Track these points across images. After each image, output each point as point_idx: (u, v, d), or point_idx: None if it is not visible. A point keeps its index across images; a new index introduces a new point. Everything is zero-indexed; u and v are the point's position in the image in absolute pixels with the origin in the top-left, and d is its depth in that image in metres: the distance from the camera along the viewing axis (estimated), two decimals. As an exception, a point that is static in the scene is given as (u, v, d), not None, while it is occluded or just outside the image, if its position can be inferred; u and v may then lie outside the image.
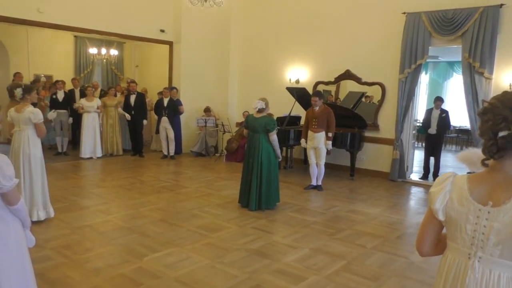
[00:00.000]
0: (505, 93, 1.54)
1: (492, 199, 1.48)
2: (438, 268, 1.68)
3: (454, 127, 12.17)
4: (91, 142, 9.22)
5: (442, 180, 1.62)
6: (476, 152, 1.97)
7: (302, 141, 7.14)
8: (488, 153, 1.49)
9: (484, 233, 1.49)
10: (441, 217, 1.59)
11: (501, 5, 6.73)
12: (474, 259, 1.52)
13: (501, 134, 1.45)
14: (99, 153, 9.31)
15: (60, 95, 9.44)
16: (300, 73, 9.37)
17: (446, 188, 1.59)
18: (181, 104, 9.91)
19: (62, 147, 9.63)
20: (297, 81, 9.34)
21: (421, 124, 8.89)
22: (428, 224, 1.67)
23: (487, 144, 1.49)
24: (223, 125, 9.73)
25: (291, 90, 8.21)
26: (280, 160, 6.06)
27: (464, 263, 1.55)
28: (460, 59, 7.29)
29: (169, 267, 3.87)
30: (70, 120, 9.70)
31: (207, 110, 10.17)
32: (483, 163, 1.52)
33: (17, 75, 8.88)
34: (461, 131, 12.38)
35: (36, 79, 10.53)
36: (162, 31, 10.11)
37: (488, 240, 1.48)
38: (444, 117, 8.11)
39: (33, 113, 4.70)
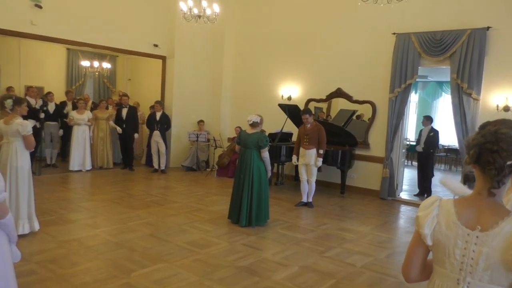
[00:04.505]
0: (509, 121, 1.51)
1: (480, 224, 1.46)
2: None
3: (442, 146, 12.29)
4: (80, 155, 9.15)
5: (428, 204, 1.60)
6: (462, 187, 1.84)
7: (294, 157, 7.16)
8: (498, 183, 1.44)
9: (473, 258, 1.46)
10: (429, 241, 1.56)
11: (488, 27, 6.90)
12: (463, 284, 1.49)
13: (509, 162, 1.42)
14: (88, 166, 9.24)
15: (51, 107, 9.38)
16: (292, 90, 9.44)
17: (433, 213, 1.56)
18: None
19: (51, 159, 9.54)
20: (289, 98, 9.40)
21: (414, 143, 9.02)
22: (415, 248, 1.63)
23: (497, 174, 1.43)
24: (214, 140, 9.73)
25: (283, 106, 8.26)
26: (270, 176, 6.07)
27: None
28: (448, 79, 7.42)
29: (157, 283, 3.81)
30: (61, 132, 9.63)
31: (200, 122, 10.24)
32: (490, 192, 1.46)
33: (10, 89, 8.94)
34: (450, 150, 12.49)
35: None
36: (156, 45, 10.16)
37: (477, 265, 1.45)
38: (432, 136, 8.23)
39: (22, 125, 4.65)
